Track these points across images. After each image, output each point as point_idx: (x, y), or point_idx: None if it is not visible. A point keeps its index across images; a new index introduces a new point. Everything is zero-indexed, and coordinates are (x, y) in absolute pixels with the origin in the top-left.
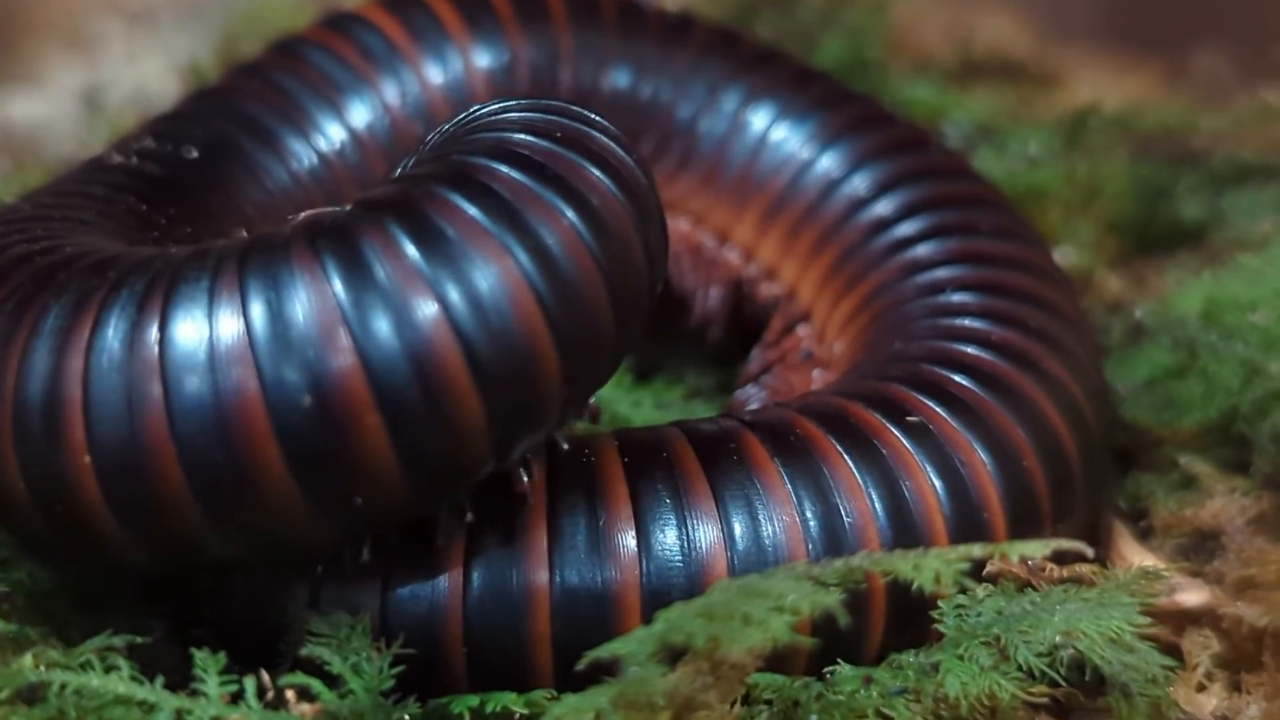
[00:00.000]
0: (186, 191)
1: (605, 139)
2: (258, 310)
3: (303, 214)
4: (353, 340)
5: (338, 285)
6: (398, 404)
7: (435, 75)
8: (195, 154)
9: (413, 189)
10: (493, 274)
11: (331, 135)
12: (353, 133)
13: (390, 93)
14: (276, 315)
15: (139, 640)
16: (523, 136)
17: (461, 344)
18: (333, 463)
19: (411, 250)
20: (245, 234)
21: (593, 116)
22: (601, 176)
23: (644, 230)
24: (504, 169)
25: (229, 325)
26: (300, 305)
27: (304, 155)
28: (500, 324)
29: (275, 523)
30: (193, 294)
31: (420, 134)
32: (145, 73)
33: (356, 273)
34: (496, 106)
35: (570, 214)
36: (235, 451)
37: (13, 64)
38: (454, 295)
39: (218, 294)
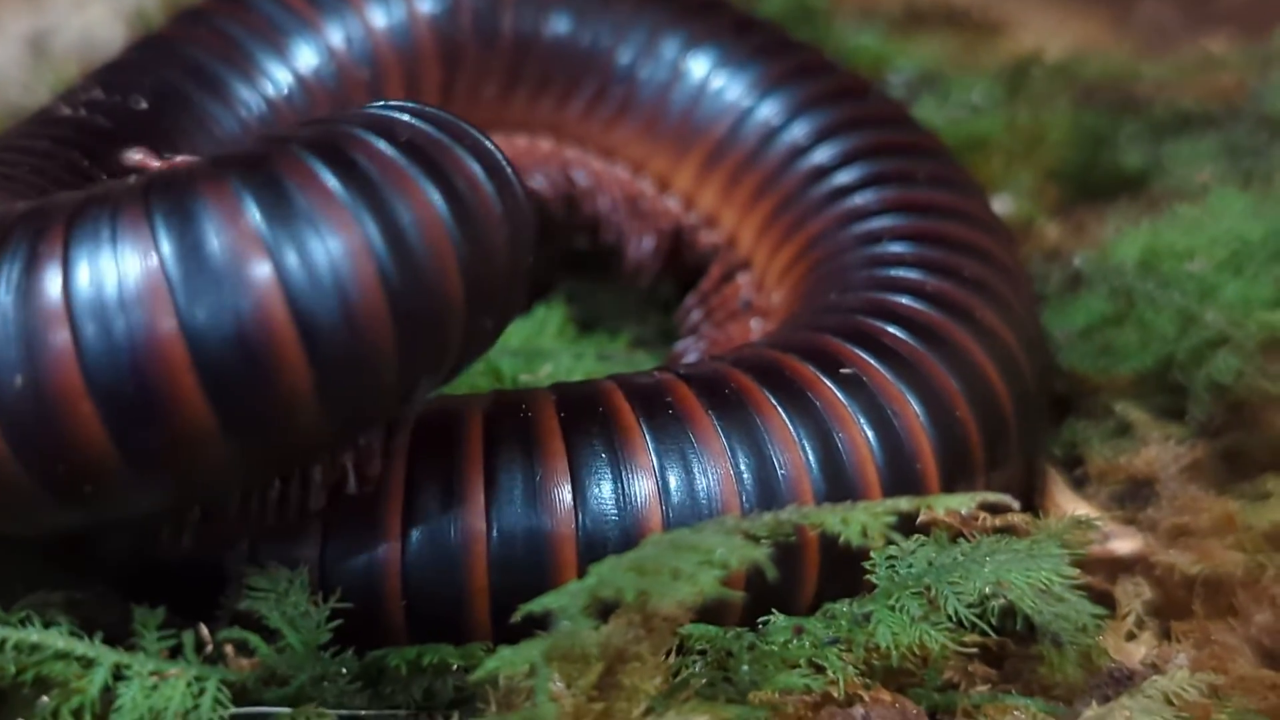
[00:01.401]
0: (133, 144)
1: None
2: (168, 245)
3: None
4: (275, 271)
5: (255, 215)
6: (322, 336)
7: (379, 19)
8: (144, 105)
9: (329, 127)
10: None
11: (279, 81)
12: (300, 79)
13: (335, 38)
14: (191, 248)
15: (78, 596)
16: (436, 110)
17: (382, 278)
18: (255, 398)
19: (331, 180)
20: None
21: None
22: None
23: (511, 227)
24: (420, 124)
25: (138, 263)
26: (216, 237)
27: (252, 102)
28: (415, 259)
29: (197, 462)
30: (95, 233)
31: (366, 79)
32: (91, 19)
33: (275, 201)
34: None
35: (435, 195)
36: (157, 394)
37: None
38: (373, 230)
39: (122, 231)
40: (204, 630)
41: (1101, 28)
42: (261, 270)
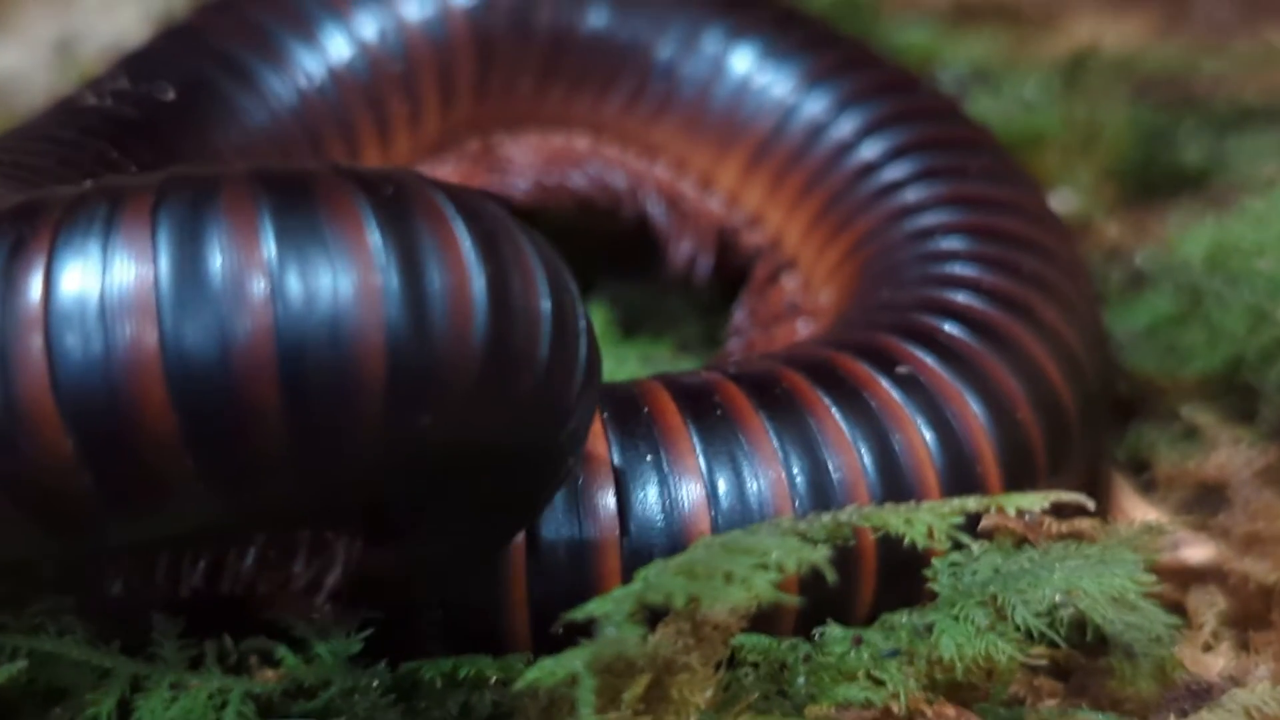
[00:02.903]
0: (162, 135)
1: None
2: (166, 255)
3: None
4: (273, 309)
5: (270, 240)
6: (309, 375)
7: (413, 12)
8: (171, 95)
9: (400, 173)
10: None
11: (311, 73)
12: (332, 71)
13: (368, 30)
14: (191, 263)
15: None
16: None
17: (388, 338)
18: (230, 447)
19: (370, 224)
20: None
21: None
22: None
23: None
24: (492, 207)
25: (130, 270)
26: (221, 256)
27: (284, 94)
28: (430, 330)
29: (168, 499)
30: (88, 231)
31: (400, 72)
32: (120, 22)
33: (299, 230)
34: None
35: (477, 271)
36: (126, 415)
37: None
38: (394, 284)
39: (121, 232)
40: (227, 640)
41: (1156, 21)
42: (259, 305)
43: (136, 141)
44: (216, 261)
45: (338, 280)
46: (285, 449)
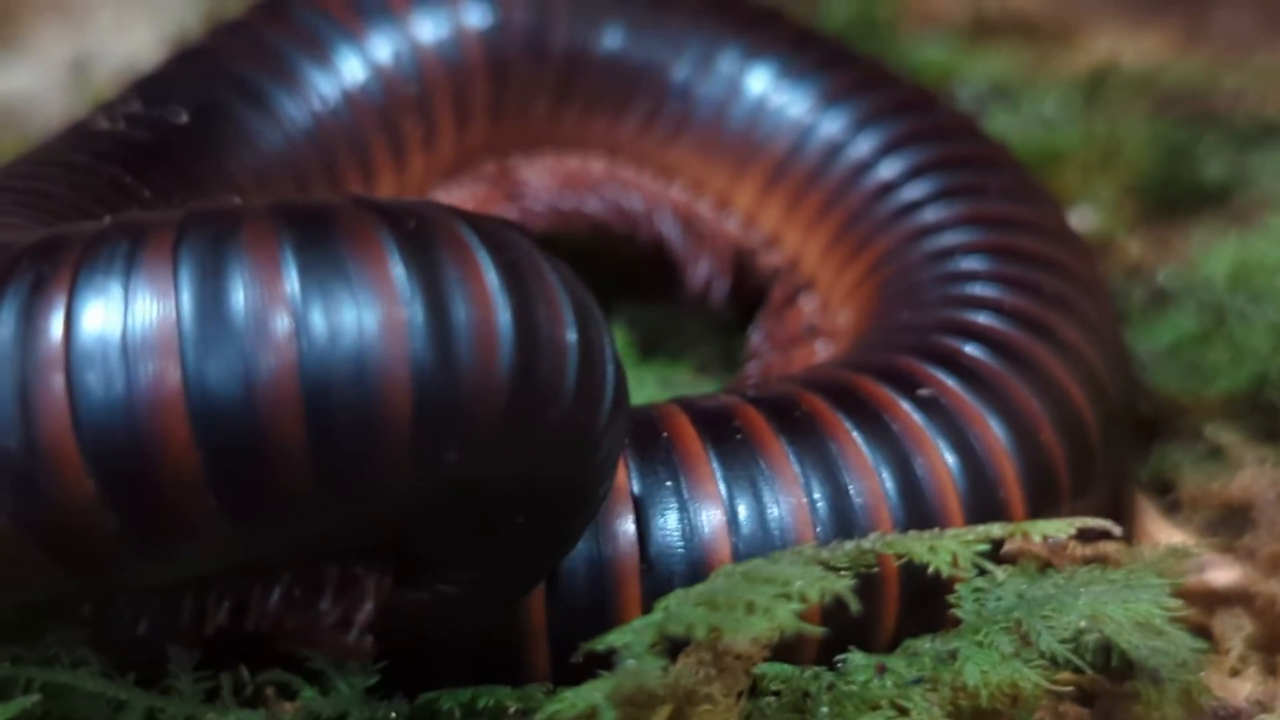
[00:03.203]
0: (176, 159)
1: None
2: (189, 293)
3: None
4: (297, 348)
5: (293, 275)
6: (334, 411)
7: (427, 34)
8: (185, 118)
9: (421, 203)
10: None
11: (325, 95)
12: (346, 93)
13: (382, 52)
14: (213, 301)
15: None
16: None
17: (414, 373)
18: (254, 485)
19: (394, 258)
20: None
21: None
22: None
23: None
24: (518, 238)
25: (152, 308)
26: (243, 294)
27: (297, 117)
28: (455, 365)
29: (192, 539)
30: (109, 268)
31: (414, 94)
32: (134, 43)
33: (322, 265)
34: None
35: (503, 304)
36: (149, 455)
37: None
38: (419, 318)
39: (142, 269)
40: (244, 672)
41: (1176, 36)
42: (282, 341)
43: (150, 166)
44: (239, 298)
45: (362, 315)
46: (310, 486)
